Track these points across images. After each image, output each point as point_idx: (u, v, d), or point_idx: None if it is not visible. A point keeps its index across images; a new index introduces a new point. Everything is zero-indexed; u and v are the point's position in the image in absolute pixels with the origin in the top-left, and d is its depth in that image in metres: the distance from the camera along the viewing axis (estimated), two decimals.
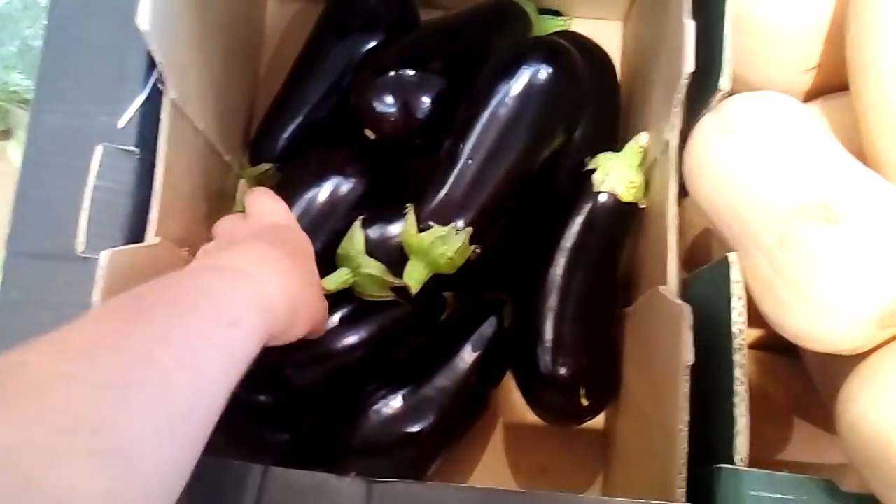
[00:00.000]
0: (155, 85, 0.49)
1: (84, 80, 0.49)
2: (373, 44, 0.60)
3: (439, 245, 0.49)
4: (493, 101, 0.49)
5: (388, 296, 0.54)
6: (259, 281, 0.40)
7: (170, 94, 0.49)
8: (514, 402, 0.60)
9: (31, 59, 0.55)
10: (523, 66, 0.49)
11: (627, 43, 0.66)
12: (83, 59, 0.49)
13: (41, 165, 0.48)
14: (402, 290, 0.52)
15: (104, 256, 0.43)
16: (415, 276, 0.49)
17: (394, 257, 0.52)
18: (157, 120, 0.50)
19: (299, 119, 0.61)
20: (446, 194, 0.49)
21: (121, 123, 0.48)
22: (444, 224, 0.49)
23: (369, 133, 0.56)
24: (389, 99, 0.53)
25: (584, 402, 0.53)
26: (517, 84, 0.49)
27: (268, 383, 0.55)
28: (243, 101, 0.66)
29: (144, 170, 0.49)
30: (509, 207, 0.52)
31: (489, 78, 0.50)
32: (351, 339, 0.57)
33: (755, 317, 0.42)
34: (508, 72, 0.49)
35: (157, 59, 0.47)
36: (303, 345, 0.56)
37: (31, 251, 0.47)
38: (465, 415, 0.58)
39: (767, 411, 0.51)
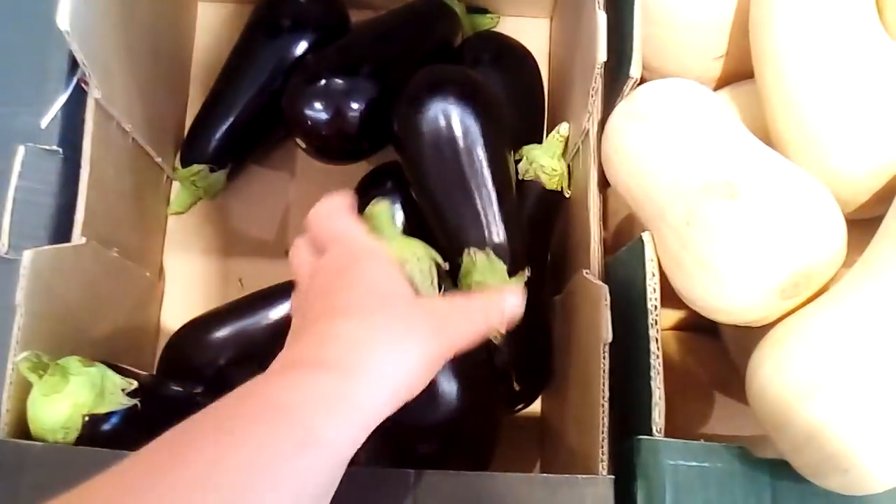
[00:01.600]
0: (78, 84, 0.49)
1: (5, 80, 0.49)
2: (303, 45, 0.61)
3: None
4: (441, 147, 0.50)
5: None
6: (352, 374, 0.30)
7: (94, 94, 0.50)
8: None
9: None
10: (445, 108, 0.50)
11: (553, 38, 0.67)
12: (3, 59, 0.49)
13: None
14: None
15: (27, 256, 0.43)
16: None
17: None
18: (82, 120, 0.50)
19: (230, 120, 0.61)
20: (507, 238, 0.51)
21: (43, 123, 0.48)
22: (519, 261, 0.51)
23: (300, 142, 0.57)
24: (319, 108, 0.54)
25: (517, 387, 0.55)
26: (451, 130, 0.50)
27: (208, 383, 0.55)
28: (174, 102, 0.66)
29: (69, 170, 0.49)
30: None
31: (418, 127, 0.51)
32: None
33: (678, 298, 0.44)
34: (434, 123, 0.50)
35: (79, 58, 0.47)
36: (241, 344, 0.57)
37: None
38: None
39: (691, 388, 0.53)
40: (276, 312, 0.58)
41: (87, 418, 0.42)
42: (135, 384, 0.45)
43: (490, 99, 0.53)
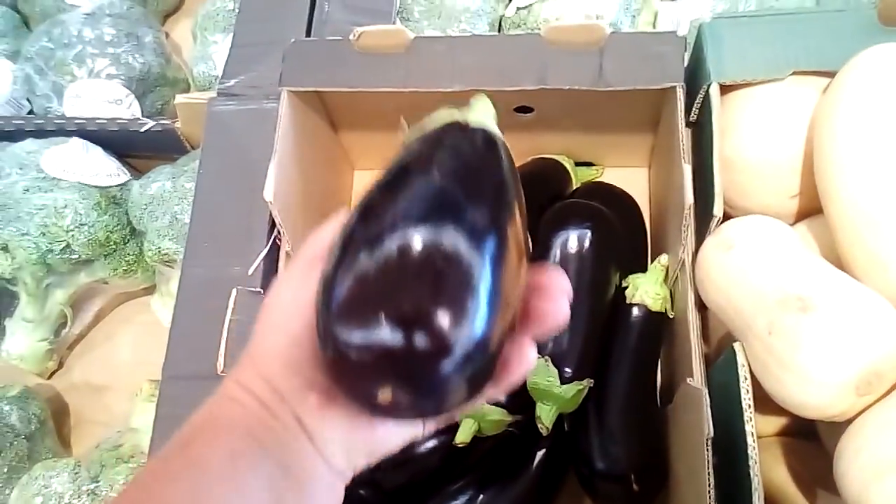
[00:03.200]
0: (274, 241, 0.64)
1: (221, 240, 0.64)
2: None
3: (577, 393, 0.59)
4: (557, 263, 0.62)
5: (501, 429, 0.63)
6: None
7: (285, 248, 0.64)
8: (578, 496, 0.68)
9: (178, 229, 0.71)
10: (570, 231, 0.63)
11: (651, 184, 0.78)
12: (221, 225, 0.65)
13: (189, 307, 0.62)
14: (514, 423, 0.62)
15: None
16: (549, 418, 0.59)
17: (510, 398, 0.60)
18: (276, 268, 0.64)
19: None
20: (567, 348, 0.60)
21: (250, 272, 0.63)
22: (573, 372, 0.60)
23: None
24: None
25: (636, 487, 0.62)
26: (573, 246, 0.63)
27: (366, 483, 0.66)
28: None
29: None
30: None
31: (545, 243, 0.63)
32: (432, 444, 0.67)
33: (778, 406, 0.51)
34: (558, 239, 0.63)
35: (277, 221, 0.62)
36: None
37: (181, 374, 0.60)
38: None
39: (795, 488, 0.58)
40: None
41: None
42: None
43: (613, 228, 0.64)
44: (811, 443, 0.60)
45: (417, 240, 0.29)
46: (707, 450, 0.50)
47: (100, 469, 0.64)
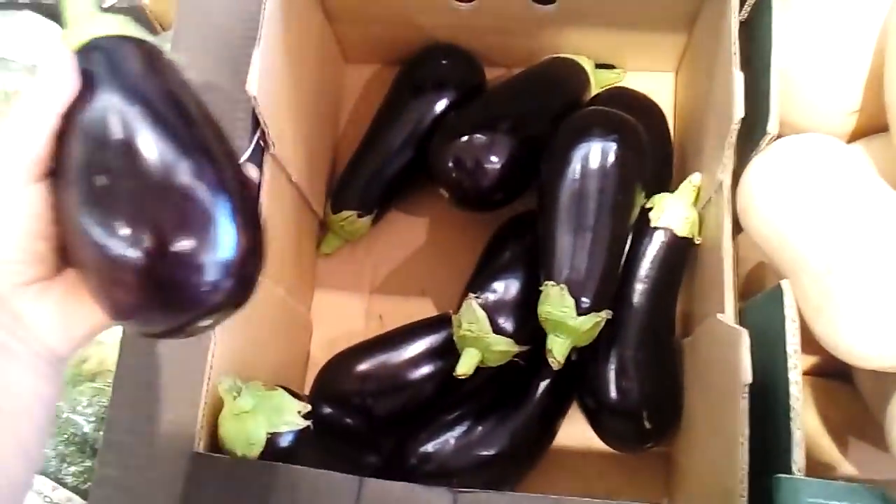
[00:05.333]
0: (258, 142, 0.56)
1: None
2: (444, 102, 0.66)
3: (593, 326, 0.53)
4: (578, 180, 0.54)
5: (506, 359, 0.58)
6: None
7: (270, 149, 0.56)
8: (580, 429, 0.63)
9: None
10: (593, 143, 0.55)
11: (679, 92, 0.71)
12: None
13: None
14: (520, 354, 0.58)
15: None
16: (561, 352, 0.53)
17: (518, 328, 0.57)
18: (260, 171, 0.56)
19: (377, 171, 0.67)
20: (585, 276, 0.54)
21: None
22: (591, 303, 0.53)
23: (443, 192, 0.62)
24: (463, 163, 0.60)
25: (648, 425, 0.57)
26: (595, 161, 0.54)
27: (355, 409, 0.61)
28: (326, 155, 0.72)
29: None
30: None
31: (564, 156, 0.55)
32: (426, 371, 0.62)
33: (810, 343, 0.45)
34: (580, 150, 0.55)
35: (262, 119, 0.54)
36: (380, 374, 0.62)
37: None
38: (534, 442, 0.62)
39: (824, 431, 0.54)
40: (417, 347, 0.63)
41: (269, 436, 0.48)
42: (308, 407, 0.50)
43: (640, 141, 0.57)
44: (842, 384, 0.56)
45: (132, 163, 0.32)
46: (743, 397, 0.45)
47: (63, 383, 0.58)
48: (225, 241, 0.33)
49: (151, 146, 0.32)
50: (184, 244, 0.32)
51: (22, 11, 0.65)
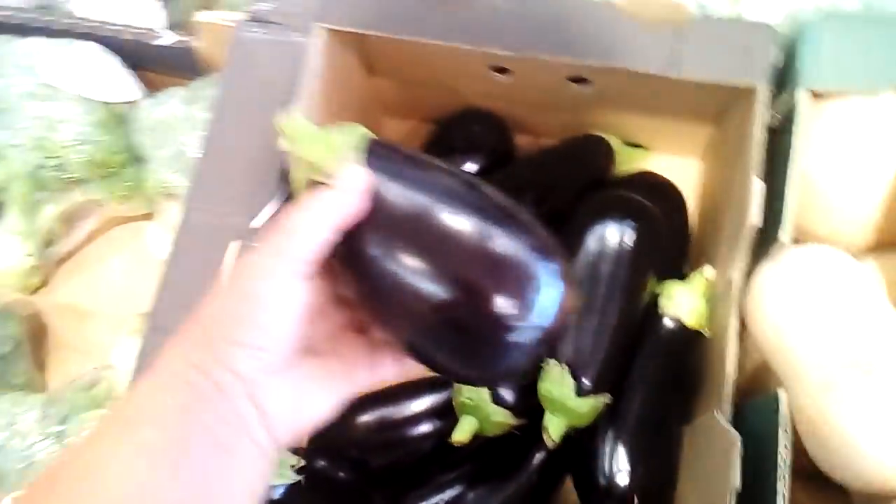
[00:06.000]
0: (285, 195, 0.58)
1: (228, 185, 0.58)
2: (473, 165, 0.68)
3: (592, 409, 0.54)
4: (591, 261, 0.56)
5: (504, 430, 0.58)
6: None
7: None
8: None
9: (183, 162, 0.65)
10: (610, 226, 0.56)
11: (704, 180, 0.72)
12: (230, 168, 0.59)
13: (185, 254, 0.57)
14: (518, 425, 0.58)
15: None
16: (557, 431, 0.54)
17: (517, 400, 0.57)
18: None
19: None
20: (588, 358, 0.54)
21: (253, 224, 0.57)
22: (591, 385, 0.54)
23: None
24: None
25: None
26: (610, 245, 0.56)
27: (350, 461, 0.61)
28: None
29: None
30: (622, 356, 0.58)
31: (581, 235, 0.57)
32: (425, 430, 0.63)
33: (803, 446, 0.46)
34: (595, 232, 0.56)
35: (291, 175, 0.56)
36: (379, 428, 0.63)
37: (168, 328, 0.55)
38: None
39: None
40: (418, 405, 0.64)
41: None
42: (301, 462, 0.51)
43: (656, 228, 0.58)
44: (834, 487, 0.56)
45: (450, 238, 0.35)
46: (730, 502, 0.46)
47: (70, 410, 0.60)
48: (547, 306, 0.34)
49: (465, 220, 0.35)
50: (513, 308, 0.33)
51: (79, 41, 0.68)
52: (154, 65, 0.72)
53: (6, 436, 0.58)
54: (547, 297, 0.34)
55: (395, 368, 0.41)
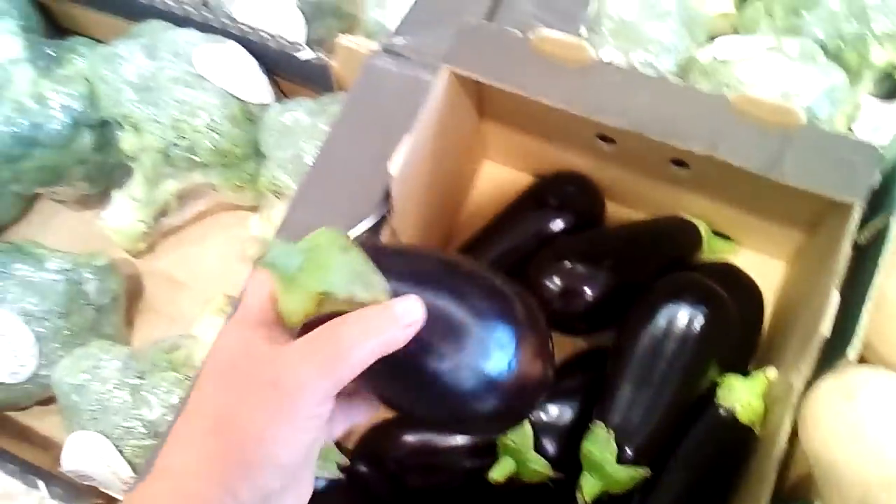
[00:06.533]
0: (382, 213, 0.62)
1: (332, 195, 0.63)
2: (561, 223, 0.71)
3: (629, 479, 0.56)
4: (657, 337, 0.58)
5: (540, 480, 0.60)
6: None
7: (391, 223, 0.62)
8: None
9: (297, 166, 0.70)
10: (682, 308, 0.58)
11: (785, 283, 0.72)
12: (337, 180, 0.63)
13: None
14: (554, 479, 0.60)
15: None
16: (591, 493, 0.56)
17: (558, 454, 0.59)
18: (377, 240, 0.62)
19: (484, 262, 0.72)
20: (635, 429, 0.56)
21: (351, 235, 0.61)
22: (633, 456, 0.55)
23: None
24: (558, 284, 0.63)
25: None
26: (678, 326, 0.57)
27: (389, 475, 0.64)
28: (441, 234, 0.78)
29: None
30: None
31: (652, 310, 0.59)
32: (465, 462, 0.65)
33: None
34: (667, 310, 0.58)
35: (393, 194, 0.60)
36: (421, 450, 0.65)
37: None
38: None
39: None
40: (462, 436, 0.66)
41: None
42: (346, 461, 0.54)
43: (728, 320, 0.59)
44: None
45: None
46: None
47: (149, 367, 0.65)
48: (497, 363, 0.40)
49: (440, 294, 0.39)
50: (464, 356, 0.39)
51: (229, 41, 0.75)
52: (290, 74, 0.78)
53: (88, 377, 0.64)
54: (497, 356, 0.40)
55: (368, 412, 0.43)
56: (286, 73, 0.78)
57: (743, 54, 0.67)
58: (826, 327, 0.51)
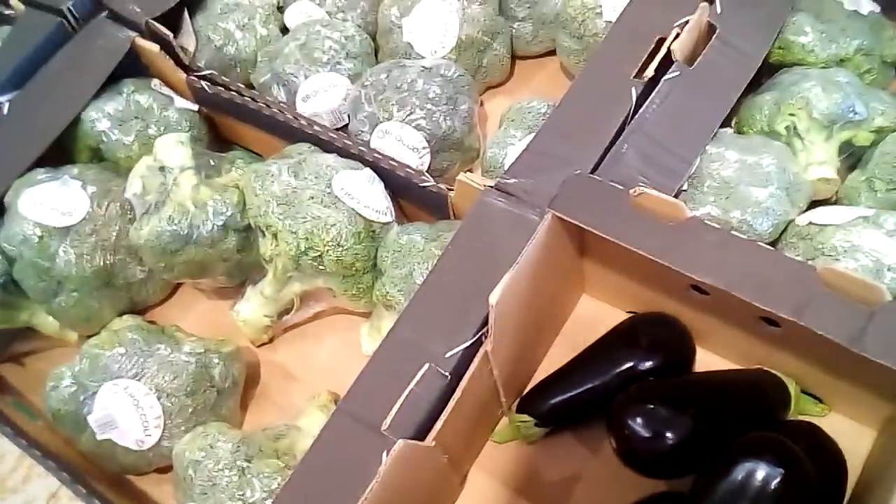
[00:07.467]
0: (479, 338, 0.68)
1: (436, 317, 0.69)
2: (650, 364, 0.73)
3: None
4: (731, 492, 0.59)
5: None
6: None
7: (486, 346, 0.67)
8: None
9: (409, 283, 0.77)
10: (760, 466, 0.59)
11: (873, 452, 0.71)
12: (443, 301, 0.69)
13: (386, 357, 0.68)
14: None
15: (399, 444, 0.60)
16: None
17: None
18: (471, 360, 0.67)
19: (569, 395, 0.76)
20: None
21: (447, 355, 0.67)
22: None
23: (612, 440, 0.68)
24: (639, 425, 0.66)
25: None
26: (754, 483, 0.59)
27: None
28: (532, 360, 0.82)
29: (449, 390, 0.66)
30: None
31: (729, 464, 0.60)
32: None
33: None
34: (745, 467, 0.60)
35: (490, 321, 0.65)
36: None
37: (352, 413, 0.66)
38: None
39: None
40: None
41: None
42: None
43: (804, 485, 0.60)
44: None
45: None
46: None
47: (257, 452, 0.72)
48: None
49: None
50: None
51: (365, 169, 0.84)
52: (412, 199, 0.87)
53: (204, 455, 0.71)
54: None
55: None
56: (409, 198, 0.87)
57: (839, 223, 0.70)
58: None
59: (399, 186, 0.85)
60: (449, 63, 0.92)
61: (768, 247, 0.65)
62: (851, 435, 0.71)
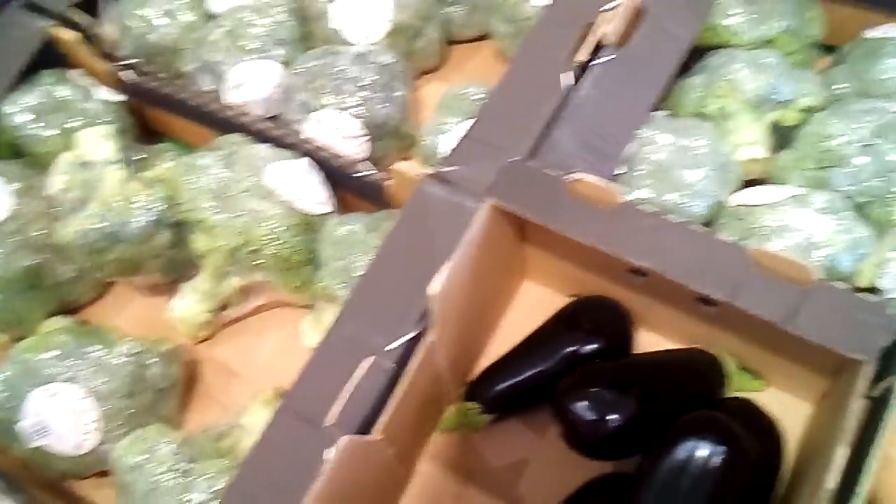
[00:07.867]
0: (422, 328, 0.67)
1: (378, 309, 0.68)
2: (591, 347, 0.74)
3: None
4: (673, 472, 0.60)
5: None
6: None
7: (429, 337, 0.67)
8: None
9: (349, 276, 0.76)
10: (701, 445, 0.60)
11: (809, 426, 0.73)
12: (384, 293, 0.69)
13: (327, 352, 0.67)
14: None
15: (343, 440, 0.59)
16: None
17: None
18: (412, 350, 0.67)
19: (512, 382, 0.76)
20: None
21: (388, 348, 0.66)
22: None
23: (559, 427, 0.69)
24: (583, 409, 0.67)
25: None
26: (696, 463, 0.60)
27: None
28: (476, 349, 0.82)
29: (393, 382, 0.66)
30: None
31: (671, 446, 0.61)
32: None
33: None
34: (689, 448, 0.61)
35: (432, 314, 0.65)
36: None
37: (295, 409, 0.65)
38: None
39: None
40: None
41: None
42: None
43: (745, 460, 0.62)
44: None
45: None
46: None
47: (199, 453, 0.70)
48: None
49: None
50: None
51: (301, 159, 0.82)
52: (350, 189, 0.85)
53: (146, 458, 0.69)
54: None
55: None
56: (346, 188, 0.86)
57: (770, 202, 0.71)
58: (831, 479, 0.53)
59: (335, 176, 0.84)
60: (382, 49, 0.91)
61: (703, 229, 0.66)
62: (790, 409, 0.73)
